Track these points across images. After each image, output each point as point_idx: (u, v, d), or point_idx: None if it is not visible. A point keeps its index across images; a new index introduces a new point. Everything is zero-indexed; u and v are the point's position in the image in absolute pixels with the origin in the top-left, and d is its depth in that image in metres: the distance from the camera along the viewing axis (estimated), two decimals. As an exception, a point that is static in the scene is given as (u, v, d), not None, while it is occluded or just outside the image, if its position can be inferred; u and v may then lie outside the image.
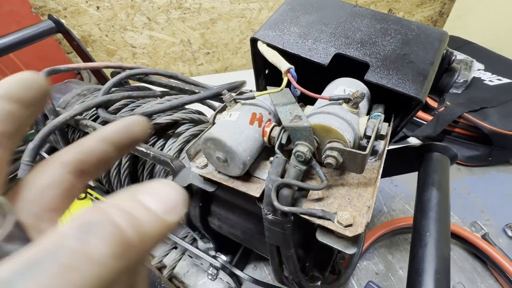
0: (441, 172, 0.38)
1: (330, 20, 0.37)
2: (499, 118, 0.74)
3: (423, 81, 0.31)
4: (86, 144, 0.15)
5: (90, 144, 0.15)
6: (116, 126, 0.16)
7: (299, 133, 0.29)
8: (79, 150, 0.15)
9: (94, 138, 0.15)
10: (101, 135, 0.15)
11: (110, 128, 0.16)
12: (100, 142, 0.15)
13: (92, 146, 0.15)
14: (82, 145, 0.15)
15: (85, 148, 0.15)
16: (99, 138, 0.15)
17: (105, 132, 0.16)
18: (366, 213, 0.28)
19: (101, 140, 0.15)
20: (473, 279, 0.58)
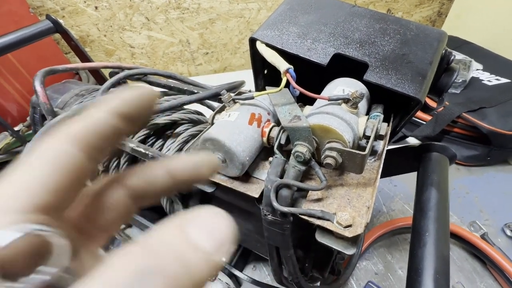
0: (440, 172, 0.38)
1: (329, 20, 0.37)
2: (498, 118, 0.74)
3: (422, 81, 0.31)
4: (152, 174, 0.15)
5: (155, 174, 0.15)
6: (183, 162, 0.15)
7: (298, 134, 0.29)
8: (145, 178, 0.15)
9: (160, 168, 0.15)
10: (168, 167, 0.15)
11: (175, 162, 0.15)
12: (164, 173, 0.15)
13: (157, 175, 0.15)
14: (146, 174, 0.15)
15: (151, 178, 0.15)
16: (165, 169, 0.15)
17: (171, 164, 0.15)
18: (365, 213, 0.28)
19: (165, 171, 0.15)
20: (472, 279, 0.58)
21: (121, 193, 0.14)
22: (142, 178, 0.15)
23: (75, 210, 0.13)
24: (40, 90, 0.49)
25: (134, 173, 0.15)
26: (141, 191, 0.15)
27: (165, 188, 0.15)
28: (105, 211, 0.14)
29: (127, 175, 0.15)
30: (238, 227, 0.15)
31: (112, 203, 0.14)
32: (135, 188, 0.14)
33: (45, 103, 0.49)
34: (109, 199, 0.14)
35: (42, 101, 0.48)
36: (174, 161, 0.15)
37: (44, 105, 0.48)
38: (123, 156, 0.51)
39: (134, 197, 0.15)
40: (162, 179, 0.15)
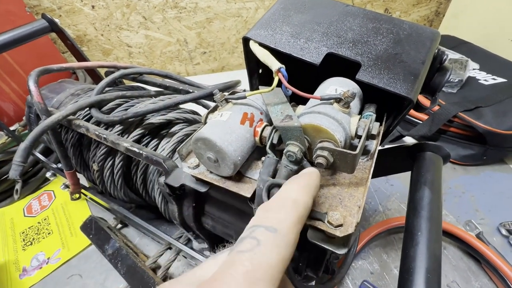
0: (433, 172, 0.38)
1: (322, 20, 0.37)
2: (494, 117, 0.74)
3: (414, 81, 0.31)
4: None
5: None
6: None
7: (290, 133, 0.29)
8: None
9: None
10: None
11: None
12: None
13: None
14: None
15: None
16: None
17: None
18: (356, 213, 0.28)
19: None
20: (467, 278, 0.58)
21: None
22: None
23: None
24: (34, 89, 0.49)
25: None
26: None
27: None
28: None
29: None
30: (232, 227, 0.17)
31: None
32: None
33: (39, 103, 0.48)
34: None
35: (36, 100, 0.48)
36: None
37: (38, 104, 0.48)
38: (118, 155, 0.51)
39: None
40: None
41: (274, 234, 0.15)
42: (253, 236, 0.15)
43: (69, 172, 0.58)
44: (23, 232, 0.72)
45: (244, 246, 0.14)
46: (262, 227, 0.15)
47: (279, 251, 0.14)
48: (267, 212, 0.17)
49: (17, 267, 0.65)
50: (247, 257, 0.14)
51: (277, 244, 0.15)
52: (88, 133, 0.49)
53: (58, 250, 0.67)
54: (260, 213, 0.17)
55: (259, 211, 0.17)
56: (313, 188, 0.20)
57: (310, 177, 0.20)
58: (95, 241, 0.59)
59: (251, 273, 0.13)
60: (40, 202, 0.79)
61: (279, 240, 0.15)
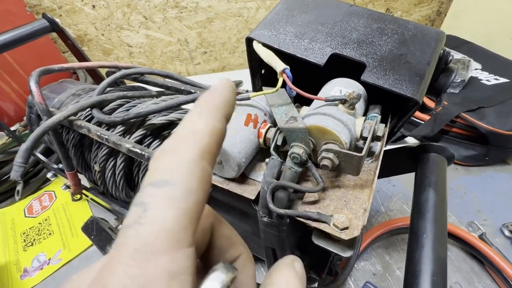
0: (438, 173, 0.38)
1: (327, 20, 0.37)
2: (496, 117, 0.74)
3: (419, 82, 0.30)
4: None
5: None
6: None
7: (295, 135, 0.29)
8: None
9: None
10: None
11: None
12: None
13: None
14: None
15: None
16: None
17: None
18: (362, 215, 0.28)
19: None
20: (470, 279, 0.58)
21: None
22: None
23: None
24: (35, 89, 0.48)
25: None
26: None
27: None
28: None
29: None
30: (236, 229, 0.16)
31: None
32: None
33: (41, 103, 0.48)
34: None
35: (37, 101, 0.48)
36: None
37: (39, 105, 0.48)
38: (119, 156, 0.51)
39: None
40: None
41: (162, 189, 0.11)
42: (139, 202, 0.11)
43: (70, 172, 0.58)
44: (24, 233, 0.72)
45: (128, 219, 0.11)
46: (149, 185, 0.11)
47: (175, 205, 0.11)
48: (157, 160, 0.12)
49: (18, 268, 0.65)
50: (133, 232, 0.10)
51: (169, 198, 0.11)
52: (90, 134, 0.49)
53: (59, 251, 0.67)
54: (150, 165, 0.12)
55: (150, 161, 0.12)
56: (222, 104, 0.14)
57: (214, 93, 0.14)
58: (96, 242, 0.59)
59: (142, 251, 0.10)
60: (41, 202, 0.79)
61: (172, 191, 0.11)
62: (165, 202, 0.11)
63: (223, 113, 0.14)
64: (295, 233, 0.36)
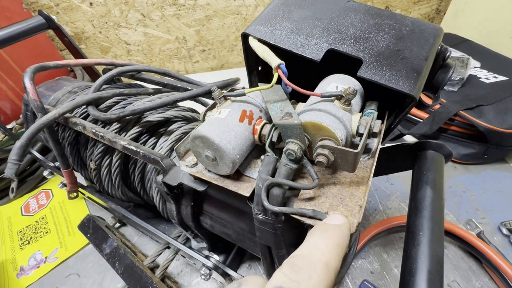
0: (435, 170, 0.37)
1: (323, 15, 0.36)
2: (495, 115, 0.73)
3: (416, 78, 0.30)
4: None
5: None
6: None
7: (290, 131, 0.28)
8: None
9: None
10: None
11: None
12: None
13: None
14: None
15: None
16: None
17: None
18: (358, 212, 0.27)
19: None
20: (468, 278, 0.57)
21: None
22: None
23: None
24: (30, 86, 0.48)
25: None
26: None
27: None
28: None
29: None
30: (231, 226, 0.16)
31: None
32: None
33: (35, 100, 0.48)
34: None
35: (32, 98, 0.48)
36: None
37: (33, 101, 0.48)
38: (115, 154, 0.51)
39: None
40: None
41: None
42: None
43: (66, 170, 0.58)
44: (20, 231, 0.72)
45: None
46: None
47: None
48: (296, 273, 0.15)
49: (15, 266, 0.64)
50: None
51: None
52: (85, 131, 0.48)
53: (55, 249, 0.67)
54: (287, 272, 0.15)
55: (287, 268, 0.16)
56: (345, 247, 0.18)
57: (342, 233, 0.18)
58: (93, 240, 0.59)
59: None
60: (37, 201, 0.79)
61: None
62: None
63: (344, 254, 0.17)
64: (291, 231, 0.36)
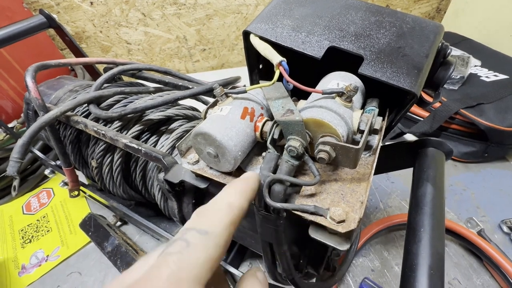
0: (436, 168, 0.38)
1: (324, 13, 0.36)
2: (496, 114, 0.73)
3: (417, 74, 0.30)
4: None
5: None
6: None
7: (291, 128, 0.28)
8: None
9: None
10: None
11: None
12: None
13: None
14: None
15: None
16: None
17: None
18: (359, 208, 0.27)
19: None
20: (468, 275, 0.58)
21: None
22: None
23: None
24: (32, 85, 0.48)
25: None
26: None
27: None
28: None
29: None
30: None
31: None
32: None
33: (37, 98, 0.48)
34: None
35: (34, 96, 0.48)
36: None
37: (35, 100, 0.48)
38: (117, 152, 0.51)
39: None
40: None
41: (205, 236, 0.16)
42: (184, 238, 0.16)
43: (67, 169, 0.58)
44: (22, 230, 0.72)
45: (173, 248, 0.15)
46: (194, 230, 0.16)
47: (208, 251, 0.15)
48: (201, 215, 0.18)
49: (16, 265, 0.65)
50: (174, 259, 0.14)
51: (206, 245, 0.15)
52: (87, 129, 0.48)
53: (57, 247, 0.67)
54: (194, 216, 0.18)
55: (194, 214, 0.18)
56: (250, 191, 0.21)
57: (248, 181, 0.21)
58: (94, 239, 0.59)
59: (175, 274, 0.14)
60: (39, 199, 0.79)
61: (209, 242, 0.16)
62: (202, 246, 0.15)
63: (250, 197, 0.20)
64: (292, 228, 0.36)
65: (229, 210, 0.18)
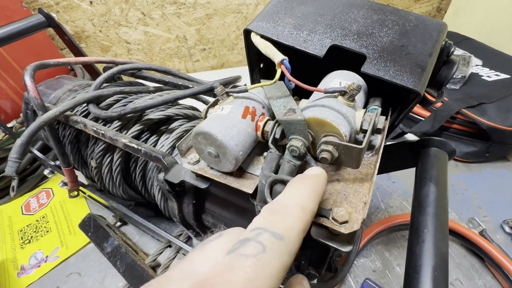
0: (439, 167, 0.37)
1: (326, 11, 0.36)
2: (497, 113, 0.73)
3: (421, 73, 0.30)
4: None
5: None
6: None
7: (293, 127, 0.28)
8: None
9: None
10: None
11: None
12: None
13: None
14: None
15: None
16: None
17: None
18: (362, 209, 0.27)
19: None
20: (470, 276, 0.57)
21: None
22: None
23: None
24: (30, 84, 0.48)
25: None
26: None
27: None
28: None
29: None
30: (233, 224, 0.16)
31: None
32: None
33: (36, 98, 0.47)
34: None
35: (33, 95, 0.47)
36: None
37: (34, 99, 0.47)
38: (116, 152, 0.50)
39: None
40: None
41: (280, 242, 0.15)
42: (259, 241, 0.14)
43: (67, 169, 0.57)
44: (21, 230, 0.71)
45: (249, 249, 0.14)
46: (269, 232, 0.15)
47: (283, 260, 0.14)
48: (273, 215, 0.16)
49: (15, 266, 0.64)
50: (250, 263, 0.13)
51: (282, 253, 0.14)
52: (86, 129, 0.48)
53: (56, 248, 0.67)
54: (266, 214, 0.16)
55: (265, 212, 0.16)
56: (321, 193, 0.19)
57: (318, 181, 0.19)
58: (93, 239, 0.59)
59: (252, 282, 0.13)
60: (38, 200, 0.79)
61: (284, 249, 0.15)
62: (278, 254, 0.14)
63: (320, 199, 0.19)
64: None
65: (303, 215, 0.17)
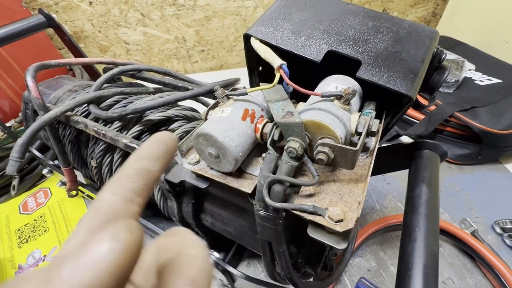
0: (431, 169, 0.39)
1: (323, 17, 0.37)
2: (489, 117, 0.75)
3: (413, 79, 0.31)
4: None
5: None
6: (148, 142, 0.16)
7: (291, 129, 0.29)
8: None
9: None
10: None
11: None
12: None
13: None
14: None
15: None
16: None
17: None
18: (356, 208, 0.28)
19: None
20: (462, 275, 0.59)
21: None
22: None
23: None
24: (32, 84, 0.48)
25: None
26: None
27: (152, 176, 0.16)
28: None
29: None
30: (232, 224, 0.16)
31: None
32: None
33: (37, 98, 0.48)
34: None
35: (34, 95, 0.48)
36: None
37: (36, 100, 0.48)
38: (116, 152, 0.51)
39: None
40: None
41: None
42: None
43: (66, 168, 0.58)
44: (18, 230, 0.71)
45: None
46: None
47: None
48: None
49: (13, 265, 0.64)
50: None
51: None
52: (87, 129, 0.49)
53: (54, 247, 0.67)
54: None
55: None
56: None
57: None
58: (92, 238, 0.59)
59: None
60: (36, 199, 0.79)
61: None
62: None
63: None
64: (291, 227, 0.37)
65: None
